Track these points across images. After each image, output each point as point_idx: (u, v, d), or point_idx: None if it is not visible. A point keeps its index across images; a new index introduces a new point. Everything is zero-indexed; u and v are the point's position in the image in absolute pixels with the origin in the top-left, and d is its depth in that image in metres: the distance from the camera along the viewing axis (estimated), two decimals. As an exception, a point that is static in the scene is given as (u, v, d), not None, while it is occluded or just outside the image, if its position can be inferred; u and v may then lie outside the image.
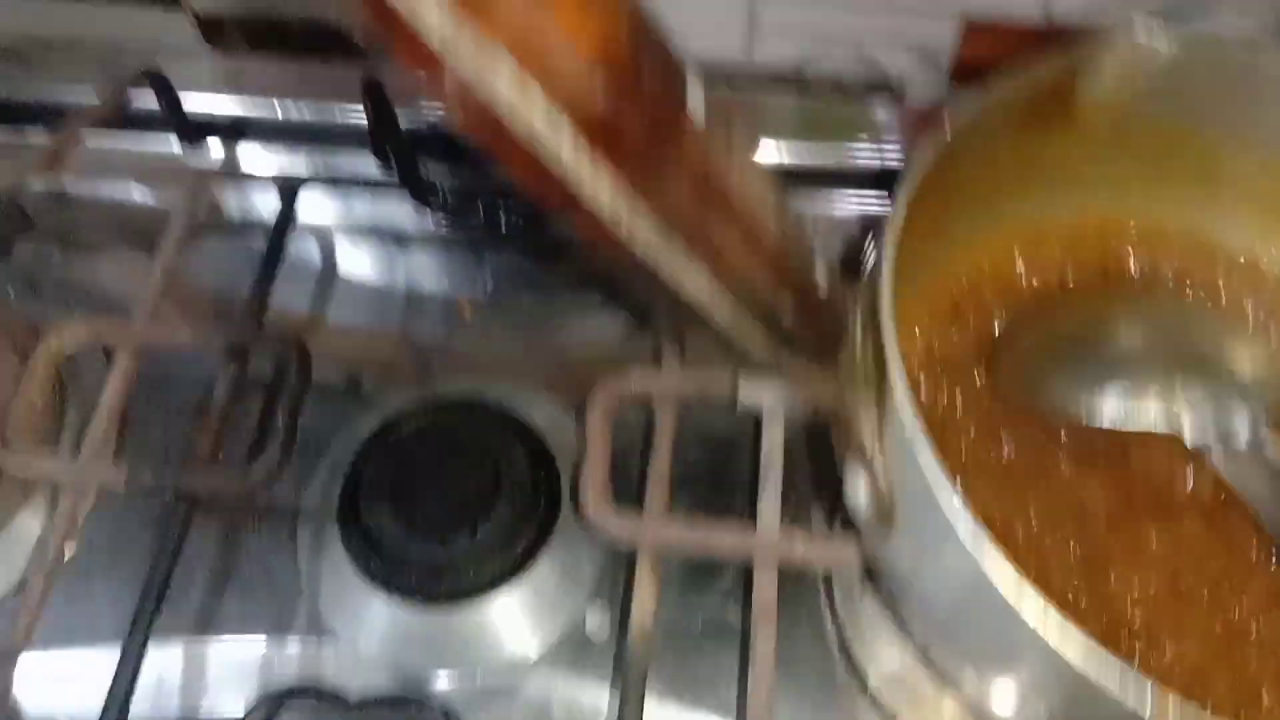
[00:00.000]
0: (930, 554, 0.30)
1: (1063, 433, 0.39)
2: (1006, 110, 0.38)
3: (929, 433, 0.28)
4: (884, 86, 0.60)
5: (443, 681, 0.43)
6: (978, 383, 0.40)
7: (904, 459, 0.29)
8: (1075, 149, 0.41)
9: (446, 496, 0.44)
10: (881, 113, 0.55)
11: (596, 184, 0.22)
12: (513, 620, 0.44)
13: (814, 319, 0.28)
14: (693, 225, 0.23)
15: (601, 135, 0.21)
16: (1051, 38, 0.55)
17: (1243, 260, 0.43)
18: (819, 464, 0.46)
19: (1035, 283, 0.43)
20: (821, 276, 0.28)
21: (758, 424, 0.41)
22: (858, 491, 0.31)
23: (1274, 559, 0.36)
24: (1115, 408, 0.37)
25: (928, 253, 0.40)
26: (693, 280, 0.25)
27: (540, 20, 0.19)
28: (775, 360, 0.29)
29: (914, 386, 0.40)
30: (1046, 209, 0.43)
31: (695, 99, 0.22)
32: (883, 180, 0.54)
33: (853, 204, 0.54)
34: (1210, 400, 0.37)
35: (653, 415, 0.44)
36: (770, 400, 0.40)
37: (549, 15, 0.19)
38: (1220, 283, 0.43)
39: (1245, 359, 0.39)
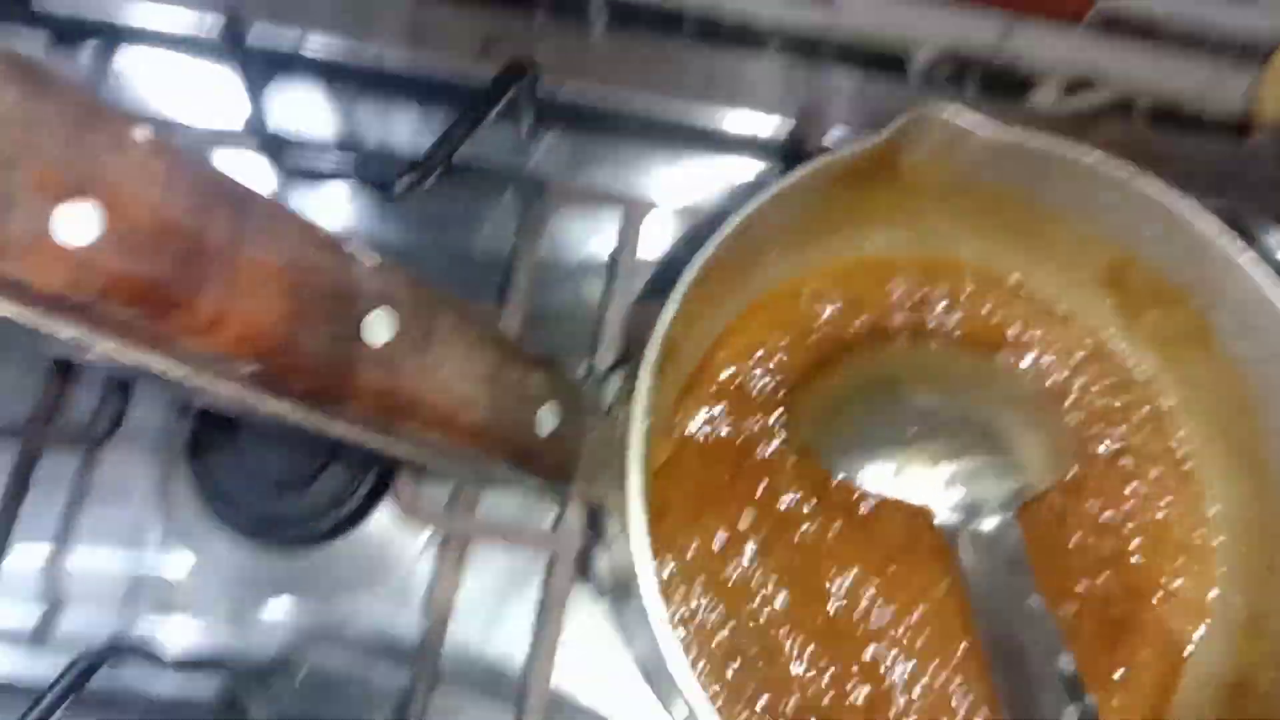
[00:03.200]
0: (639, 632, 0.33)
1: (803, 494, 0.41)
2: (827, 174, 0.38)
3: (648, 546, 0.31)
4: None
5: (279, 615, 0.47)
6: (769, 442, 0.42)
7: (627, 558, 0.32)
8: (904, 199, 0.41)
9: (284, 449, 0.47)
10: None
11: (275, 408, 0.24)
12: (348, 565, 0.48)
13: (533, 462, 0.29)
14: (382, 425, 0.25)
15: (268, 387, 0.22)
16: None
17: (1061, 314, 0.44)
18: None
19: (842, 331, 0.43)
20: (546, 421, 0.29)
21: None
22: (599, 565, 0.33)
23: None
24: (881, 471, 0.39)
25: (718, 317, 0.41)
26: (396, 450, 0.27)
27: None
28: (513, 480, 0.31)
29: (676, 473, 0.40)
30: (871, 249, 0.44)
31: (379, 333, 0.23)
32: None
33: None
34: (974, 477, 0.39)
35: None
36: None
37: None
38: (1035, 347, 0.44)
39: (1022, 438, 0.40)
